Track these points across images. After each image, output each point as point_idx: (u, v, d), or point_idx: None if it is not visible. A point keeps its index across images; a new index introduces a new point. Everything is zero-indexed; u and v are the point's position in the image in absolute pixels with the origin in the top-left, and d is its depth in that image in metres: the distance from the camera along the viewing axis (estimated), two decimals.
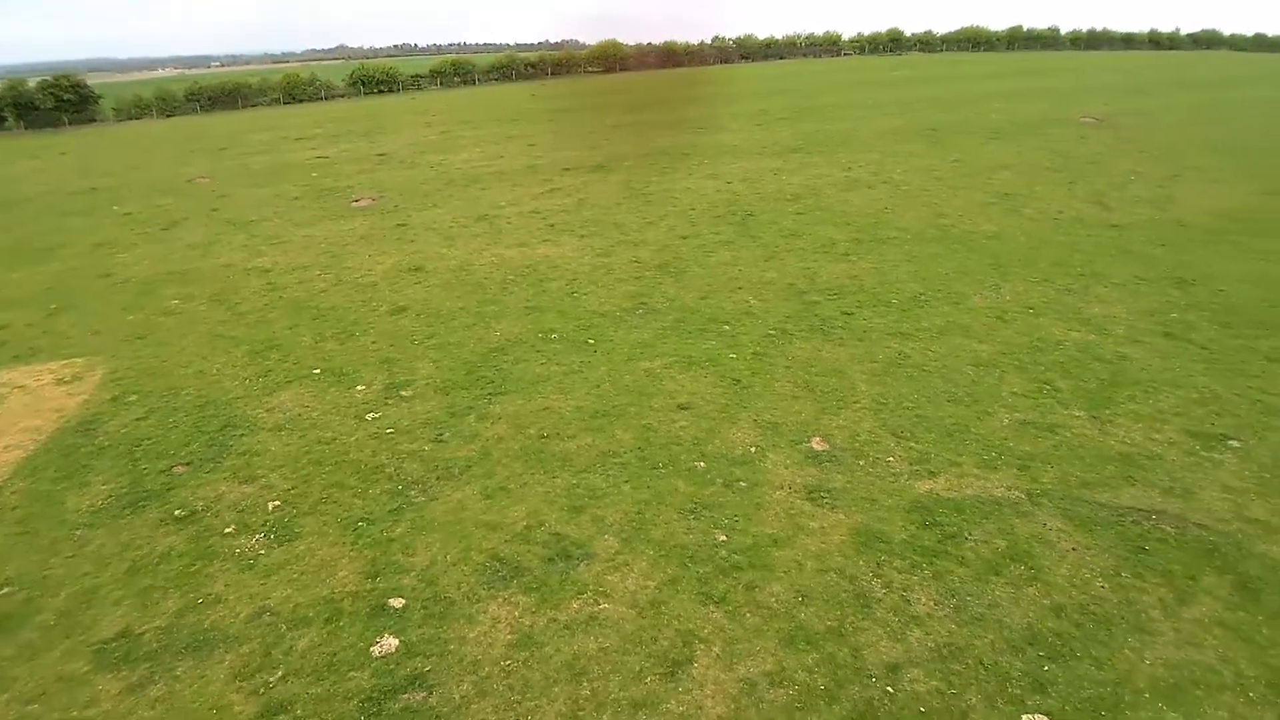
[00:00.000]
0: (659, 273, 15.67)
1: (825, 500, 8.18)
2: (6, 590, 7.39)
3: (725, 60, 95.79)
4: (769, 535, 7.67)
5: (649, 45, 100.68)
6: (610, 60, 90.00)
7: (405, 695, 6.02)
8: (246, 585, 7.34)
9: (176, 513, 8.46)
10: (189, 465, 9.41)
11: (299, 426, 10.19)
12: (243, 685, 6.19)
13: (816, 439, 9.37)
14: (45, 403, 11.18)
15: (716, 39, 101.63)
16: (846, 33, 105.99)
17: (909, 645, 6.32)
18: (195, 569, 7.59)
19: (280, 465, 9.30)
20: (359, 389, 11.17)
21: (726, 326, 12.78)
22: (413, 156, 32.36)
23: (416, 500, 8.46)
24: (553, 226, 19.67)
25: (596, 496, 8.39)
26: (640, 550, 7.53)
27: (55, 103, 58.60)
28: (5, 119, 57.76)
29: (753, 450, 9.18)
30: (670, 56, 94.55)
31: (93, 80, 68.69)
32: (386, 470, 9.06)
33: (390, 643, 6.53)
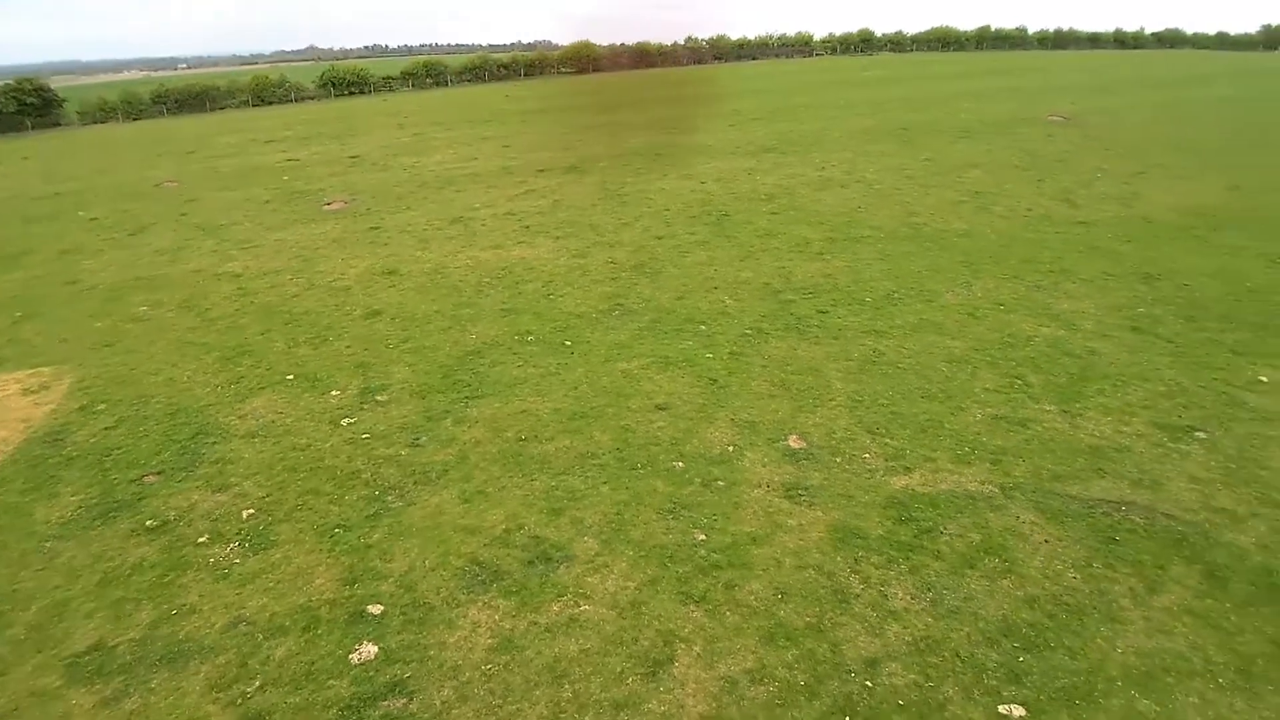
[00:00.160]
0: (635, 273, 15.69)
1: (803, 498, 8.25)
2: None
3: (698, 61, 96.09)
4: (748, 534, 7.72)
5: (622, 46, 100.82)
6: (583, 61, 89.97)
7: (385, 702, 5.98)
8: (221, 595, 7.24)
9: (148, 523, 8.33)
10: (160, 474, 9.27)
11: (273, 433, 10.07)
12: (219, 696, 6.11)
13: (793, 437, 9.44)
14: (11, 413, 10.95)
15: (689, 39, 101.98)
16: (818, 33, 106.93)
17: (887, 640, 6.39)
18: (169, 580, 7.47)
19: (254, 473, 9.19)
20: (333, 394, 11.07)
21: (703, 326, 12.82)
22: (385, 159, 32.11)
23: (394, 505, 8.40)
24: (528, 228, 19.62)
25: (575, 498, 8.38)
26: (620, 551, 7.53)
27: (18, 107, 57.48)
28: None
29: (730, 449, 9.22)
30: (643, 57, 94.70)
31: (56, 83, 67.48)
32: (363, 476, 8.99)
33: (369, 650, 6.48)
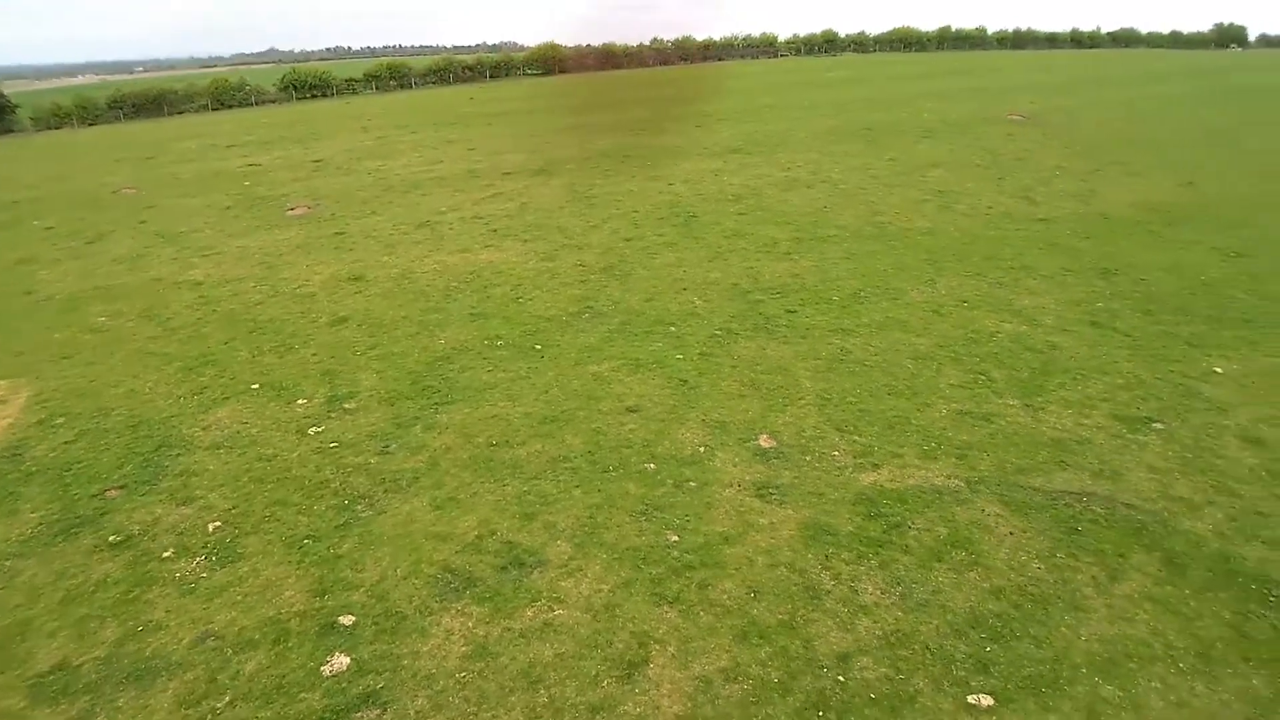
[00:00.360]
0: (604, 276, 15.70)
1: (774, 496, 8.33)
2: None
3: (664, 62, 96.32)
4: (720, 533, 7.77)
5: (588, 47, 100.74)
6: (549, 62, 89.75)
7: (358, 714, 5.92)
8: (188, 610, 7.12)
9: (111, 538, 8.16)
10: (123, 488, 9.08)
11: (238, 444, 9.92)
12: (188, 713, 6.01)
13: (764, 436, 9.52)
14: None
15: (655, 40, 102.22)
16: (783, 34, 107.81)
17: (858, 634, 6.48)
18: (134, 596, 7.33)
19: (219, 485, 9.04)
20: (300, 403, 10.93)
21: (672, 328, 12.88)
22: (349, 163, 31.73)
23: (364, 515, 8.33)
24: (495, 232, 19.53)
25: (548, 502, 8.38)
26: (593, 554, 7.55)
27: None
28: None
29: (702, 450, 9.28)
30: (609, 58, 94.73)
31: (8, 88, 65.53)
32: (331, 485, 8.89)
33: (341, 661, 6.42)
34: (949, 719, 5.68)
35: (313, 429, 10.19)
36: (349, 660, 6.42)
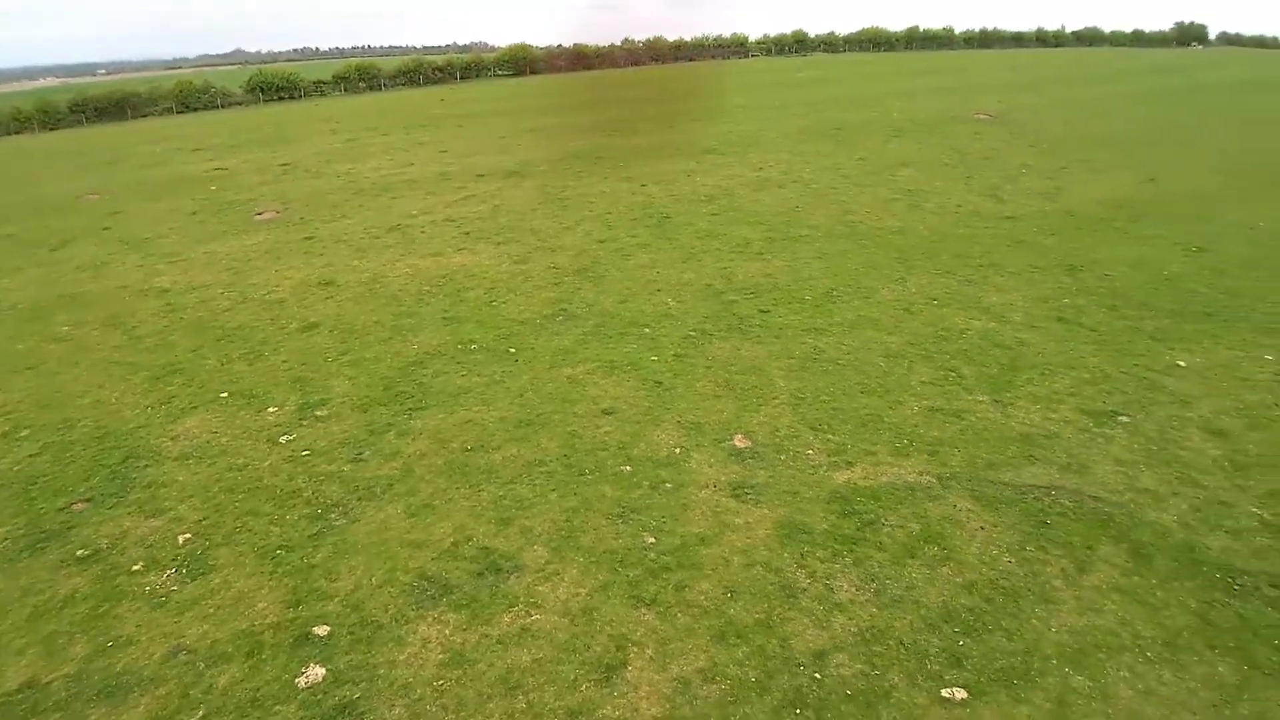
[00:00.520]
0: (578, 278, 15.68)
1: (749, 496, 8.37)
2: None
3: (636, 63, 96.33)
4: (696, 534, 7.80)
5: (559, 48, 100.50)
6: (520, 63, 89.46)
7: None
8: (159, 624, 7.00)
9: (79, 553, 8.00)
10: (90, 501, 8.91)
11: (207, 454, 9.78)
12: None
13: (739, 436, 9.57)
14: None
15: (626, 41, 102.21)
16: (753, 34, 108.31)
17: (834, 632, 6.54)
18: (103, 611, 7.19)
19: (189, 496, 8.90)
20: (270, 411, 10.79)
21: (647, 329, 12.90)
22: (318, 166, 31.37)
23: (337, 523, 8.24)
24: (468, 234, 19.42)
25: (524, 507, 8.35)
26: (570, 558, 7.54)
27: None
28: None
29: (677, 451, 9.30)
30: (580, 59, 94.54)
31: None
32: (304, 494, 8.79)
33: (316, 672, 6.35)
34: (924, 713, 5.75)
35: (284, 437, 10.06)
36: (324, 671, 6.36)
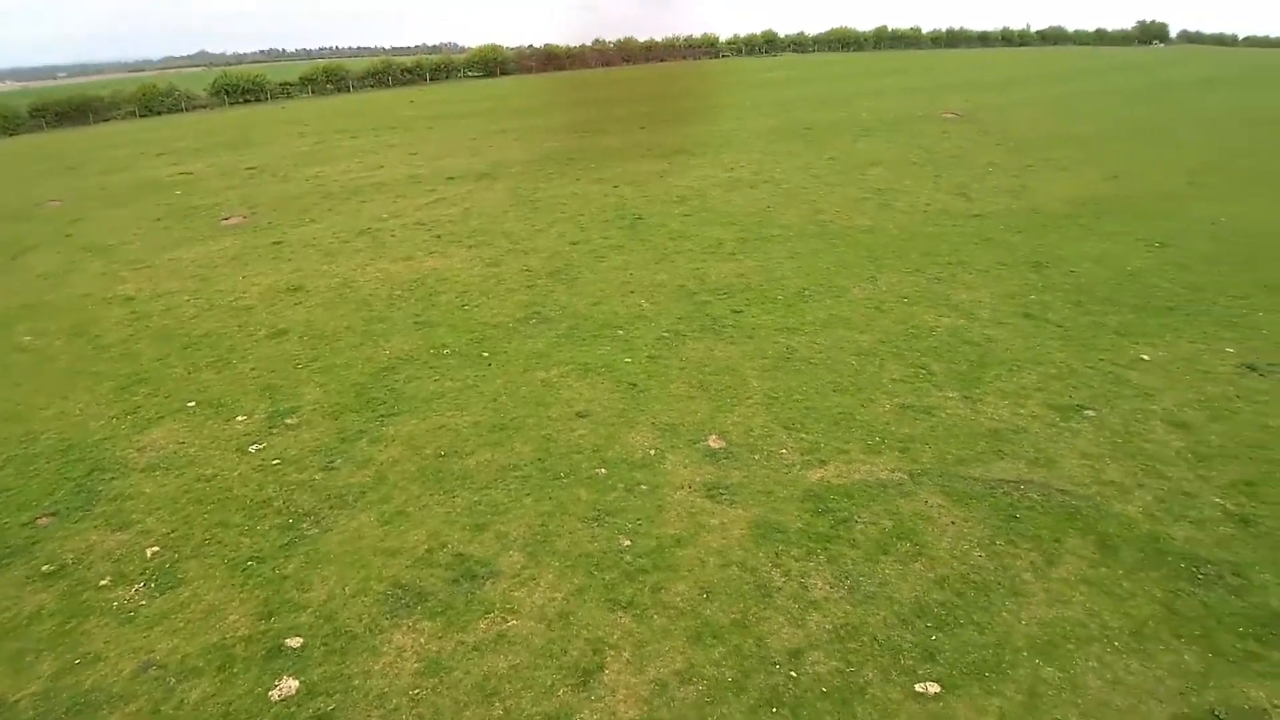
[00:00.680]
0: (551, 280, 15.64)
1: (724, 496, 8.41)
2: None
3: (606, 63, 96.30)
4: (672, 536, 7.82)
5: (529, 48, 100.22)
6: (490, 64, 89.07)
7: None
8: (128, 639, 6.88)
9: (44, 568, 7.83)
10: (55, 515, 8.72)
11: (175, 465, 9.61)
12: None
13: (713, 437, 9.61)
14: None
15: (597, 42, 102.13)
16: (723, 34, 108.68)
17: (809, 629, 6.59)
18: (70, 627, 7.05)
19: (157, 508, 8.75)
20: (239, 420, 10.64)
21: (620, 331, 12.90)
22: (286, 169, 30.98)
23: (309, 533, 8.15)
24: (439, 238, 19.29)
25: (499, 512, 8.32)
26: (546, 563, 7.52)
27: None
28: None
29: (652, 453, 9.32)
30: (551, 59, 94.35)
31: None
32: (275, 504, 8.67)
33: (290, 685, 6.28)
34: (898, 708, 5.81)
35: (253, 446, 9.93)
36: (298, 683, 6.28)
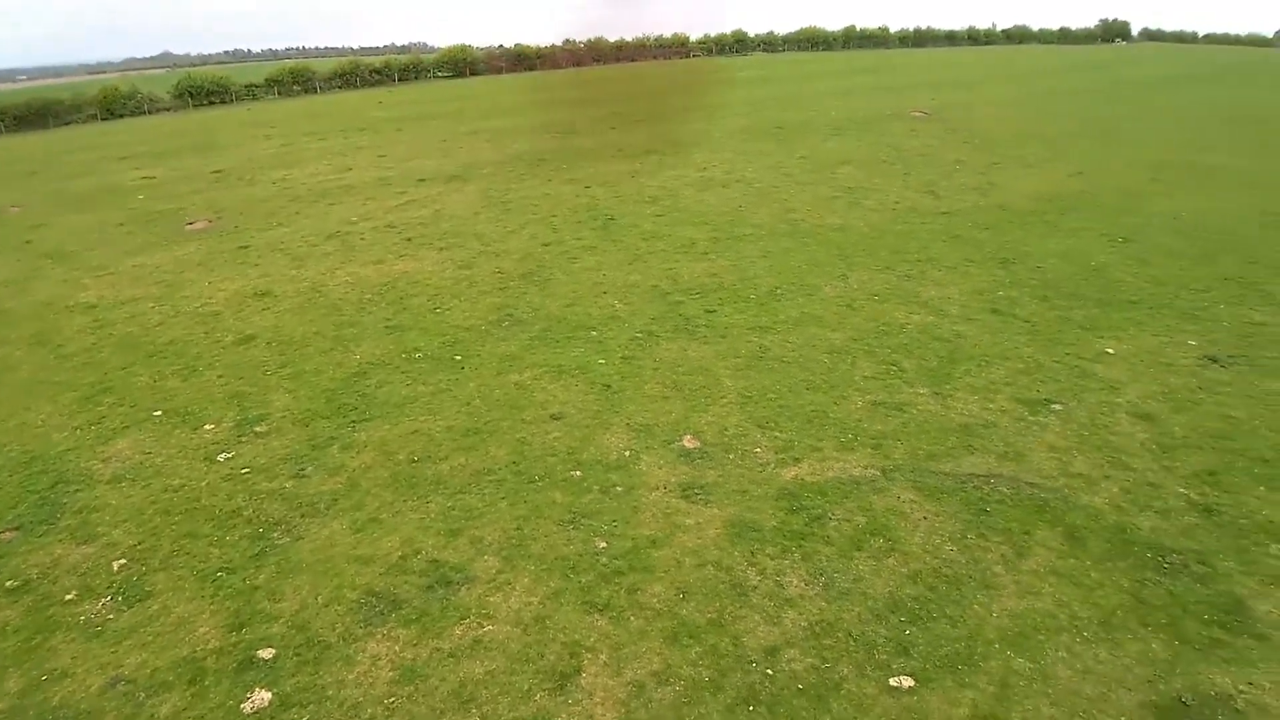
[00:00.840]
0: (523, 282, 15.58)
1: (699, 496, 8.43)
2: None
3: (577, 63, 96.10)
4: (647, 537, 7.82)
5: (500, 48, 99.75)
6: (460, 64, 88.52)
7: None
8: (96, 655, 6.74)
9: (8, 583, 7.64)
10: (18, 530, 8.52)
11: (141, 475, 9.43)
12: None
13: (687, 437, 9.63)
14: None
15: (567, 42, 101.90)
16: (694, 34, 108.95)
17: (785, 627, 6.62)
18: (36, 643, 6.88)
19: (123, 520, 8.58)
20: (207, 428, 10.47)
21: (594, 332, 12.88)
22: (252, 172, 30.53)
23: (280, 542, 8.04)
24: (410, 240, 19.12)
25: (473, 517, 8.26)
26: (521, 567, 7.49)
27: None
28: None
29: (627, 454, 9.31)
30: (521, 59, 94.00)
31: None
32: (244, 513, 8.54)
33: (263, 697, 6.19)
34: (873, 703, 5.87)
35: (222, 455, 9.77)
36: (270, 695, 6.20)
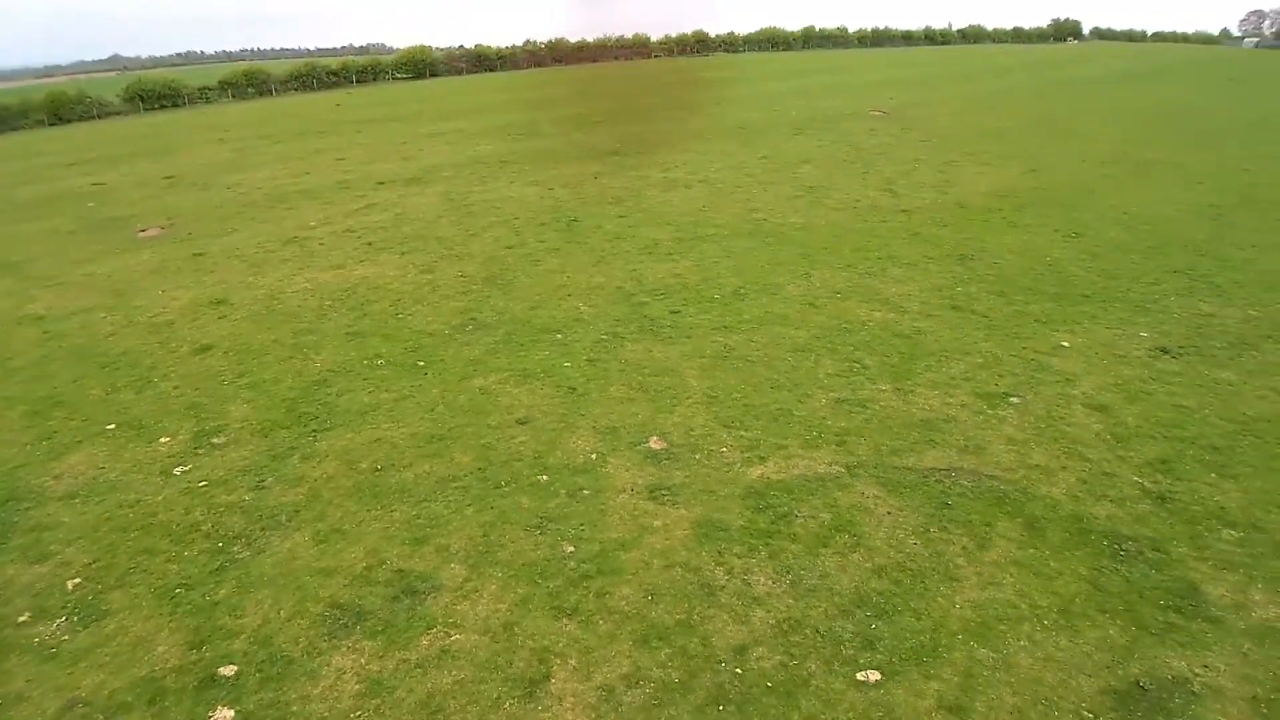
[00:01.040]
0: (486, 286, 15.46)
1: (666, 498, 8.44)
2: None
3: (538, 64, 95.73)
4: (615, 539, 7.81)
5: (460, 49, 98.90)
6: (419, 65, 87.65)
7: None
8: (51, 677, 6.53)
9: None
10: None
11: (95, 491, 9.18)
12: None
13: (654, 439, 9.64)
14: None
15: (528, 43, 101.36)
16: (654, 34, 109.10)
17: (753, 626, 6.66)
18: None
19: (77, 537, 8.34)
20: (163, 441, 10.22)
21: (559, 335, 12.83)
22: (206, 177, 29.87)
23: (240, 556, 7.87)
24: (370, 245, 18.87)
25: (438, 525, 8.18)
26: (489, 574, 7.43)
27: None
28: None
29: (594, 457, 9.29)
30: (481, 60, 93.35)
31: None
32: (203, 528, 8.36)
33: (225, 715, 6.06)
34: (840, 697, 5.93)
35: (178, 469, 9.54)
36: (233, 713, 6.07)
